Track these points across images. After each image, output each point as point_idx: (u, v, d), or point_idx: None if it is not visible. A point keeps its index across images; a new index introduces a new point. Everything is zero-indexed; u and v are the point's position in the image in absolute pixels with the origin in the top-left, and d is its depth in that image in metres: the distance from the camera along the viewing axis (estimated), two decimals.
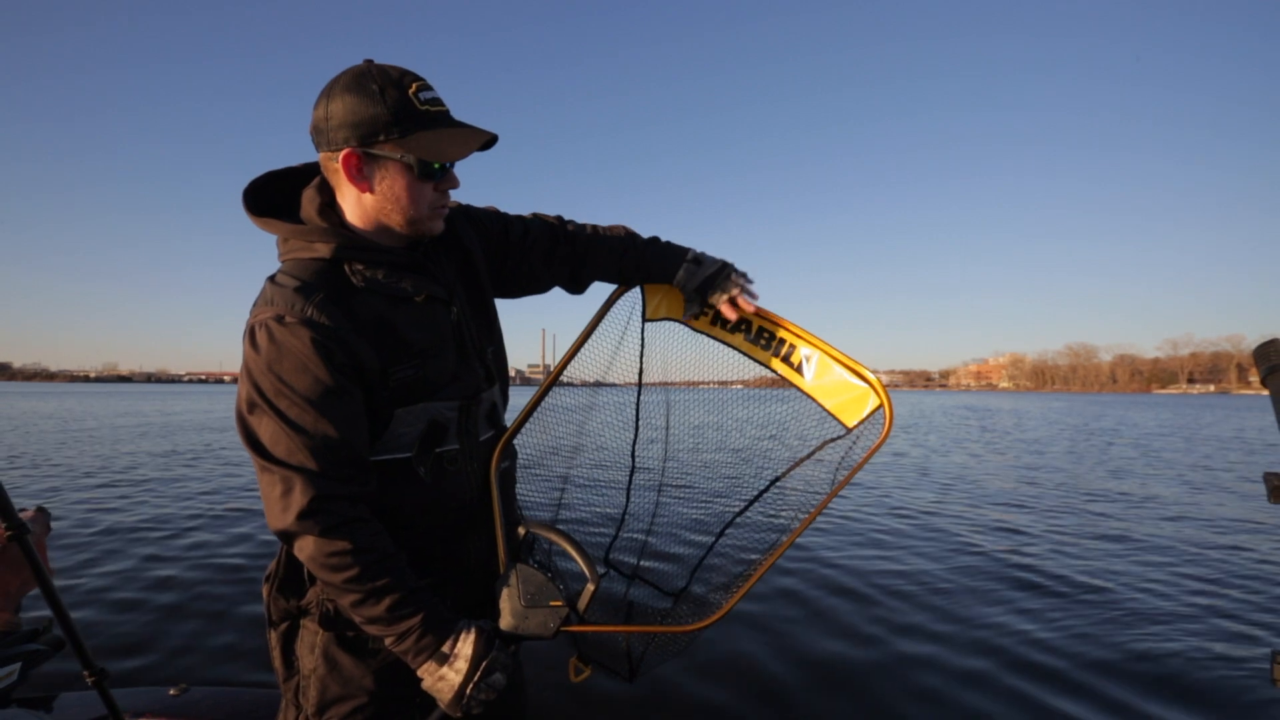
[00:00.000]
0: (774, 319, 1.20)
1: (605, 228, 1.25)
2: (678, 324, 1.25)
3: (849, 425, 1.14)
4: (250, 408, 0.90)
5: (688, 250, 1.22)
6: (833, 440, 1.16)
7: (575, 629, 1.06)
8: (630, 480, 1.34)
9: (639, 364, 1.27)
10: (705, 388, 1.30)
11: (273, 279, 0.95)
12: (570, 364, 1.21)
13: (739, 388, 1.28)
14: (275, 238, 1.01)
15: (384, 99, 0.91)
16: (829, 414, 1.16)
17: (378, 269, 0.98)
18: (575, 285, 1.28)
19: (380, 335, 0.96)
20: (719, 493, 1.33)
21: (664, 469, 1.34)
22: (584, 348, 1.22)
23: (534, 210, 1.28)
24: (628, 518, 1.35)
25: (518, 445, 1.24)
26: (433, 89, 0.96)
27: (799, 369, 1.18)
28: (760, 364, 1.21)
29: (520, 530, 1.12)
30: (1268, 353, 0.91)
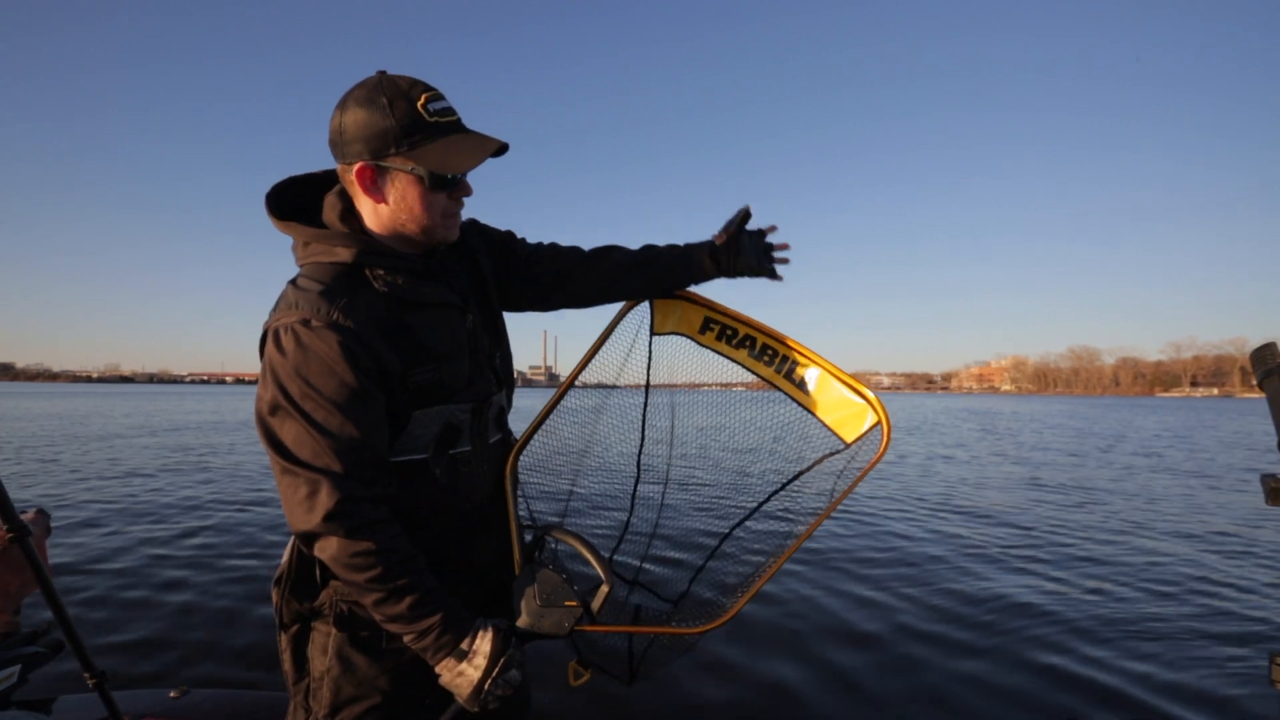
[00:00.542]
0: (777, 336, 1.24)
1: (618, 248, 1.27)
2: (684, 339, 1.29)
3: (848, 440, 1.19)
4: (273, 410, 0.91)
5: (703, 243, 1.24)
6: (832, 454, 1.21)
7: (588, 629, 1.09)
8: (635, 488, 1.37)
9: (645, 376, 1.31)
10: (708, 390, 1.33)
11: (294, 283, 0.96)
12: (579, 375, 1.26)
13: (741, 389, 1.31)
14: (280, 240, 1.03)
15: (393, 112, 0.92)
16: (829, 429, 1.20)
17: (398, 274, 0.99)
18: (583, 303, 1.29)
19: (401, 339, 0.97)
20: (720, 502, 1.37)
21: (667, 477, 1.36)
22: (593, 360, 1.26)
23: (551, 240, 1.30)
24: (631, 524, 1.37)
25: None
26: (444, 98, 0.97)
27: (800, 385, 1.22)
28: (764, 379, 1.25)
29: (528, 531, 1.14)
30: (1264, 356, 0.92)
